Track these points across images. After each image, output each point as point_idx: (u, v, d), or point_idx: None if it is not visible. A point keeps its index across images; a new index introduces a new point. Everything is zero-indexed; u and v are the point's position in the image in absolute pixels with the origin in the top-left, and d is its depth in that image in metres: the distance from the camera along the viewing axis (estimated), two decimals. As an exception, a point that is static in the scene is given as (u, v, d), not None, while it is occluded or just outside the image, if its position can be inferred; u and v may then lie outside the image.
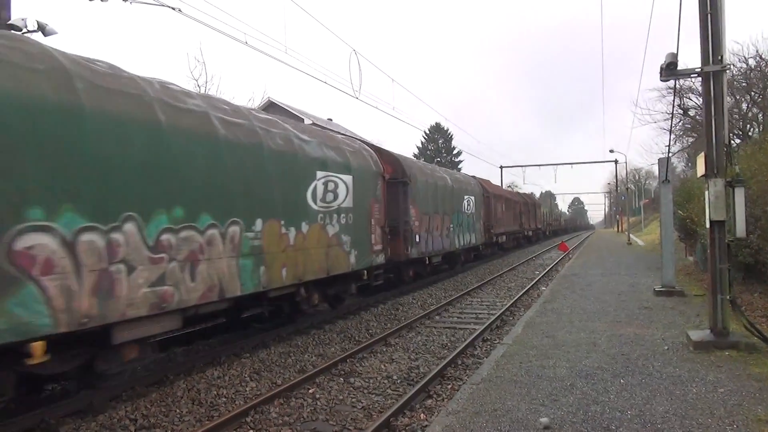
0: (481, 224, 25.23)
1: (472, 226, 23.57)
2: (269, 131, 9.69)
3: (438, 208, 18.97)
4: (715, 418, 5.53)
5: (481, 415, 5.78)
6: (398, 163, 16.17)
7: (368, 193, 13.22)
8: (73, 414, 6.63)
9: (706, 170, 8.31)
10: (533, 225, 45.75)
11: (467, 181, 24.14)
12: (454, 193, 21.10)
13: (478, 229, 24.73)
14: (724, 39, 8.25)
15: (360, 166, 12.80)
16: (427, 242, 17.63)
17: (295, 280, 9.99)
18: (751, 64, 27.16)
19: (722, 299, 8.24)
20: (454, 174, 23.41)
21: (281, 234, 9.60)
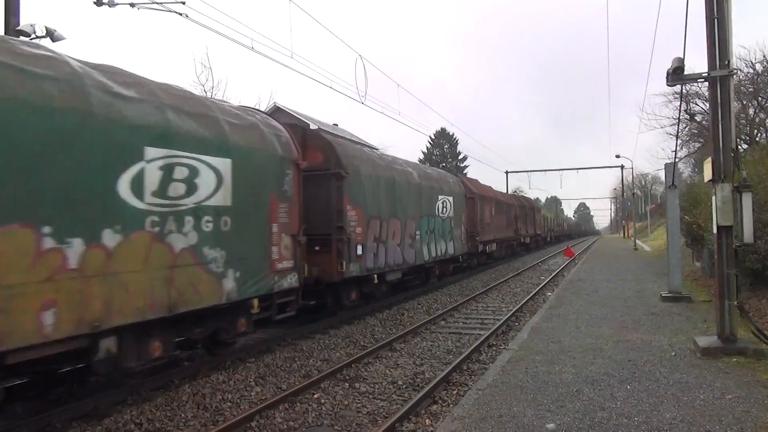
0: (462, 230, 21.33)
1: (449, 233, 19.59)
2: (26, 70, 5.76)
3: (396, 211, 14.99)
4: (723, 425, 5.48)
5: (486, 420, 5.75)
6: (329, 149, 12.36)
7: (265, 187, 9.25)
8: (79, 418, 6.64)
9: (713, 175, 8.27)
10: (531, 231, 41.48)
11: (443, 179, 20.04)
12: (423, 193, 17.09)
13: (458, 236, 20.70)
14: (731, 43, 8.23)
15: (248, 146, 8.87)
16: (377, 255, 13.76)
17: (82, 329, 6.06)
18: (758, 69, 27.08)
19: (730, 305, 8.18)
20: (423, 169, 19.07)
21: (39, 251, 5.63)
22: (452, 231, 19.83)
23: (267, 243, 9.25)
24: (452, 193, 20.13)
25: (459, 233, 20.84)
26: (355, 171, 12.84)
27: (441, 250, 18.64)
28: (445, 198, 19.30)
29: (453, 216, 20.01)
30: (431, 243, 17.62)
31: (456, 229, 20.40)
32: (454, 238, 20.14)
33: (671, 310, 12.36)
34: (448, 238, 19.36)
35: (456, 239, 20.35)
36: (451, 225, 19.72)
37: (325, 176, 12.04)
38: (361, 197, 13.10)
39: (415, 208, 16.39)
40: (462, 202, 21.52)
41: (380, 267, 14.03)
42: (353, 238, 12.54)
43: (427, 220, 17.34)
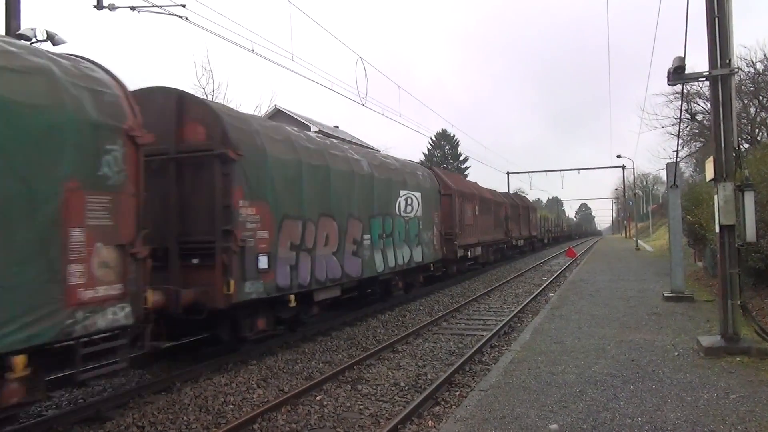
0: (434, 233, 17.60)
1: (417, 236, 15.95)
2: None
3: (331, 209, 11.36)
4: (727, 424, 5.46)
5: (489, 421, 5.73)
6: (214, 121, 8.77)
7: (51, 169, 5.77)
8: (81, 422, 6.63)
9: (715, 174, 8.26)
10: (525, 232, 37.69)
11: (408, 171, 16.25)
12: (377, 186, 13.51)
13: (429, 240, 17.05)
14: (732, 42, 8.22)
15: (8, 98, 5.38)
16: (297, 268, 10.04)
17: None
18: (759, 68, 27.07)
19: (733, 304, 8.16)
20: (379, 157, 15.43)
21: None
22: (421, 234, 16.27)
23: (54, 259, 5.68)
24: (421, 189, 16.52)
25: (430, 236, 17.17)
26: (255, 152, 9.12)
27: (404, 257, 14.94)
28: (410, 194, 15.63)
29: (422, 216, 16.35)
30: (389, 249, 13.99)
31: (426, 232, 16.76)
32: (424, 243, 16.44)
33: (674, 310, 12.33)
34: (414, 243, 15.72)
35: (426, 243, 16.70)
36: (418, 226, 16.10)
37: (207, 159, 8.58)
38: (268, 189, 9.31)
39: (363, 205, 12.73)
40: (435, 200, 18.02)
41: (303, 284, 10.24)
42: (252, 246, 8.83)
43: (382, 220, 13.68)
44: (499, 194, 32.53)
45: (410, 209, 15.67)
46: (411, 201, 15.75)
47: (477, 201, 23.89)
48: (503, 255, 31.44)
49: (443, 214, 18.97)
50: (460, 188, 21.73)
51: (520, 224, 35.73)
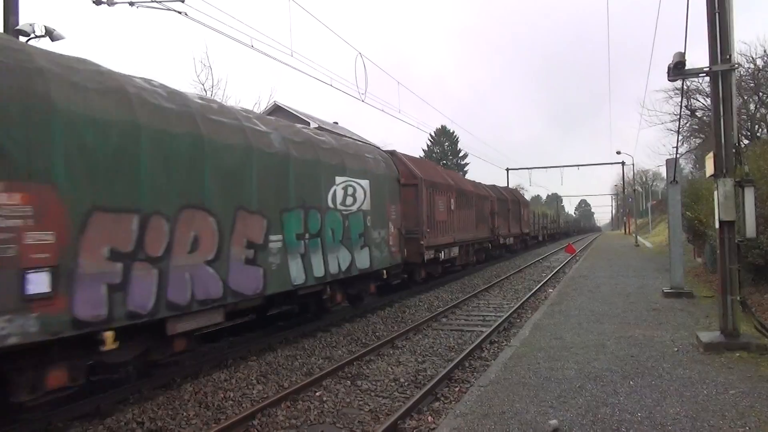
0: (391, 232, 14.23)
1: (362, 235, 12.63)
2: None
3: (204, 197, 8.02)
4: (726, 420, 5.46)
5: (489, 417, 5.73)
6: None
7: None
8: (80, 417, 6.64)
9: (715, 170, 8.24)
10: (516, 229, 34.00)
11: (348, 151, 12.74)
12: (295, 169, 10.13)
13: (383, 240, 13.73)
14: (732, 38, 8.19)
15: None
16: (123, 288, 6.65)
17: None
18: (759, 65, 27.05)
19: (732, 300, 8.16)
20: (301, 130, 11.58)
21: None
22: (368, 233, 12.92)
23: None
24: (370, 175, 13.12)
25: (384, 235, 13.82)
26: (23, 100, 5.76)
27: (341, 263, 11.63)
28: (352, 182, 12.30)
29: (371, 210, 13.02)
30: (315, 254, 10.63)
31: (378, 230, 13.45)
32: (373, 244, 13.15)
33: (673, 305, 12.34)
34: (357, 244, 12.39)
35: (377, 245, 13.39)
36: (365, 223, 12.77)
37: None
38: (56, 164, 6.01)
39: (269, 195, 9.37)
40: (392, 190, 14.64)
41: (139, 311, 6.84)
42: (12, 257, 5.49)
43: (303, 215, 10.33)
44: (483, 187, 28.94)
45: (352, 201, 12.22)
46: (354, 190, 12.30)
47: (453, 193, 20.41)
48: (488, 255, 27.85)
49: (406, 208, 15.70)
50: (430, 177, 18.22)
51: (510, 220, 32.23)
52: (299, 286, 10.21)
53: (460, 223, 21.15)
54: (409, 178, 16.41)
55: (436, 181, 18.80)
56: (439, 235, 18.34)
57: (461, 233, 21.28)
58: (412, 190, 16.51)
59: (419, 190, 16.71)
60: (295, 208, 10.19)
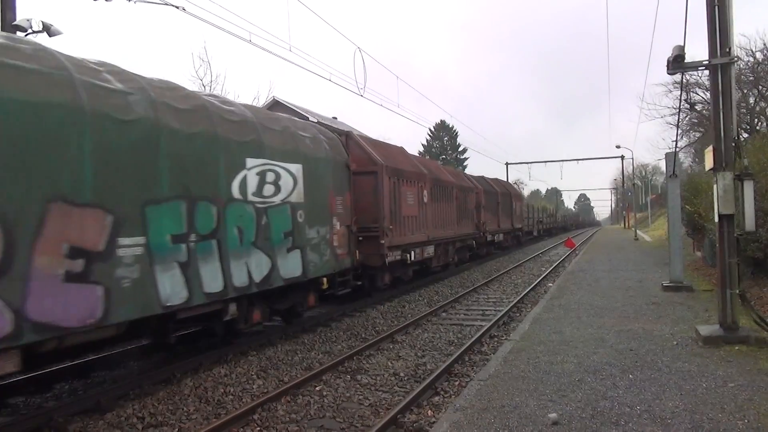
0: (336, 230, 11.79)
1: (290, 235, 10.08)
2: None
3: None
4: (725, 413, 5.47)
5: (489, 411, 5.75)
6: None
7: None
8: (81, 412, 6.64)
9: (715, 164, 8.24)
10: (507, 225, 31.16)
11: (272, 127, 10.07)
12: (171, 145, 7.57)
13: (325, 240, 11.28)
14: (731, 31, 8.17)
15: None
16: None
17: None
18: (759, 58, 27.01)
19: (731, 293, 8.17)
20: (192, 95, 8.68)
21: None
22: (300, 231, 10.32)
23: None
24: (303, 158, 10.50)
25: (326, 234, 11.30)
26: None
27: (252, 272, 8.95)
28: (275, 166, 9.66)
29: (305, 202, 10.46)
30: (209, 260, 8.05)
31: (316, 228, 10.92)
32: (308, 245, 10.56)
33: (672, 299, 12.35)
34: (282, 246, 9.77)
35: (315, 246, 10.86)
36: (294, 219, 10.17)
37: None
38: None
39: (122, 179, 6.83)
40: (339, 178, 12.09)
41: None
42: None
43: (187, 209, 7.72)
44: (467, 177, 26.15)
45: (273, 191, 9.62)
46: (276, 177, 9.71)
47: (426, 184, 17.57)
48: (474, 254, 25.37)
49: (361, 200, 13.42)
50: (395, 164, 15.28)
51: (499, 215, 29.37)
52: (177, 307, 7.42)
53: (436, 218, 18.46)
54: (365, 164, 13.79)
55: (402, 168, 15.83)
56: (407, 232, 15.64)
57: (438, 230, 18.58)
58: (370, 179, 13.86)
59: (379, 178, 13.96)
60: (171, 199, 7.45)
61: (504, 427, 5.30)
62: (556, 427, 5.23)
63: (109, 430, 6.25)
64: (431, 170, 19.26)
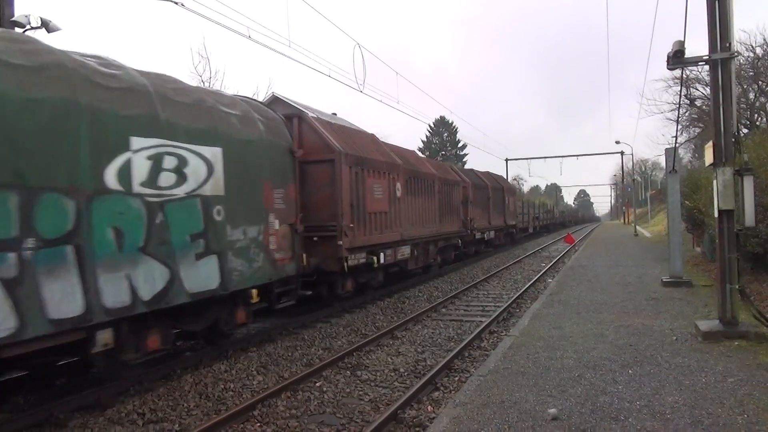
0: (274, 230, 9.78)
1: (206, 238, 8.08)
2: None
3: None
4: (725, 407, 5.48)
5: (488, 406, 5.76)
6: None
7: None
8: (81, 409, 6.66)
9: (715, 159, 8.23)
10: (499, 221, 28.94)
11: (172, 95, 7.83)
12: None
13: (257, 243, 9.27)
14: (731, 26, 8.15)
15: None
16: None
17: None
18: (759, 53, 26.97)
19: (731, 289, 8.17)
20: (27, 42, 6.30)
21: None
22: (217, 231, 8.28)
23: None
24: (224, 140, 8.54)
25: (258, 235, 9.25)
26: None
27: (139, 287, 6.96)
28: (177, 148, 7.66)
29: (226, 194, 8.48)
30: (60, 275, 6.00)
31: (243, 227, 8.91)
32: (231, 249, 8.58)
33: (672, 295, 12.36)
34: (190, 252, 7.77)
35: (242, 250, 8.82)
36: (209, 217, 8.14)
37: None
38: None
39: None
40: (280, 166, 10.03)
41: None
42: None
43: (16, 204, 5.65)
44: (453, 170, 24.02)
45: (174, 180, 7.55)
46: (180, 163, 7.60)
47: (400, 175, 15.37)
48: (461, 254, 23.32)
49: (313, 193, 11.66)
50: (358, 152, 13.10)
51: (490, 211, 27.17)
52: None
53: (413, 214, 16.40)
54: (320, 151, 11.85)
55: (368, 157, 13.55)
56: (374, 230, 13.58)
57: (416, 228, 16.48)
58: (326, 169, 11.87)
59: (337, 168, 11.85)
60: None
61: (504, 423, 5.30)
62: (555, 423, 5.24)
63: (110, 426, 6.26)
64: (407, 160, 17.04)
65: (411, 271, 17.14)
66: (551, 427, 5.14)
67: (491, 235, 27.48)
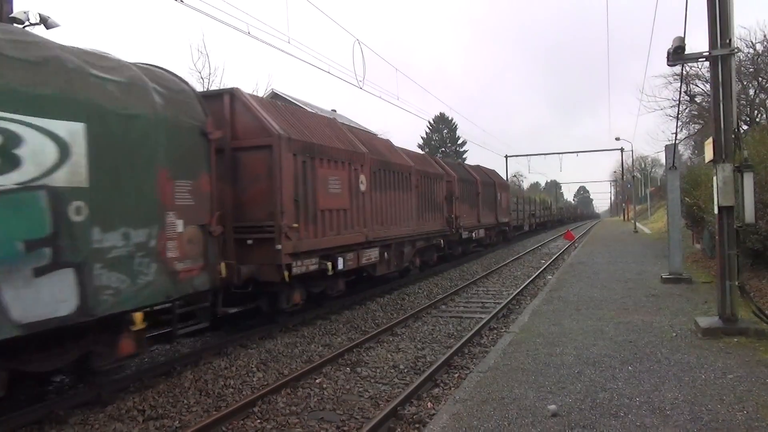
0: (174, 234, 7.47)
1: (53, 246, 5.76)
2: None
3: None
4: (724, 404, 5.49)
5: (488, 403, 5.76)
6: None
7: None
8: (81, 405, 6.66)
9: (714, 156, 8.23)
10: (490, 219, 26.78)
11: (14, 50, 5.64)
12: None
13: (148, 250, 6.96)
14: (732, 22, 8.14)
15: None
16: None
17: None
18: (759, 49, 26.89)
19: (731, 285, 8.17)
20: None
21: None
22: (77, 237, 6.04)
23: None
24: (86, 112, 6.27)
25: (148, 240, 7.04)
26: None
27: None
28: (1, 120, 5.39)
29: (90, 185, 6.24)
30: None
31: (123, 230, 6.65)
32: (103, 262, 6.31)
33: (672, 291, 12.37)
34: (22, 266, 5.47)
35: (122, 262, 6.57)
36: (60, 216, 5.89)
37: None
38: None
39: None
40: (186, 150, 7.93)
41: None
42: None
43: None
44: (435, 162, 21.31)
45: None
46: (10, 142, 5.49)
47: (366, 166, 13.08)
48: (445, 256, 21.13)
49: (252, 189, 9.80)
50: (305, 137, 10.74)
51: (480, 207, 24.86)
52: None
53: (383, 212, 14.05)
54: (255, 134, 9.83)
55: (320, 144, 11.14)
56: (328, 231, 11.25)
57: (387, 227, 14.19)
58: (262, 157, 9.73)
59: (275, 155, 9.67)
60: None
61: (503, 419, 5.31)
62: (555, 419, 5.25)
63: (110, 422, 6.27)
64: (376, 150, 14.68)
65: (384, 276, 15.11)
66: (551, 424, 5.15)
67: (480, 234, 25.02)
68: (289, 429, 6.07)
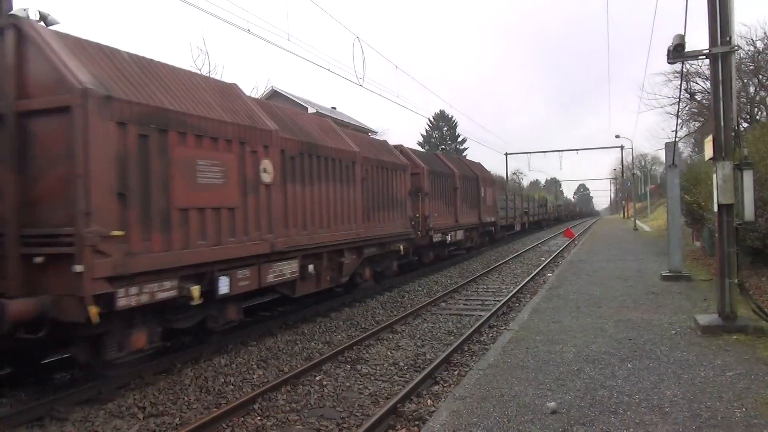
0: None
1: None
2: None
3: None
4: (723, 401, 5.50)
5: (488, 400, 5.77)
6: None
7: None
8: (82, 403, 6.67)
9: (714, 153, 8.23)
10: (471, 218, 23.19)
11: None
12: None
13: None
14: (732, 19, 8.13)
15: None
16: None
17: None
18: (759, 47, 26.87)
19: (730, 283, 8.18)
20: None
21: None
22: None
23: None
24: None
25: None
26: None
27: None
28: None
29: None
30: None
31: None
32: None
33: (671, 289, 12.38)
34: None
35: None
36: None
37: None
38: None
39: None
40: None
41: None
42: None
43: None
44: (394, 149, 16.85)
45: None
46: None
47: (273, 148, 9.37)
48: (409, 265, 17.75)
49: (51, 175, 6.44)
50: (145, 98, 7.01)
51: (458, 205, 21.36)
52: None
53: (306, 211, 10.52)
54: (48, 89, 6.47)
55: (180, 111, 7.48)
56: (195, 239, 7.69)
57: (313, 232, 10.74)
58: (61, 125, 6.36)
59: (77, 122, 6.21)
60: None
61: (503, 416, 5.32)
62: (554, 416, 5.26)
63: (111, 419, 6.28)
64: (295, 127, 10.82)
65: (336, 290, 12.75)
66: (550, 421, 5.16)
67: (458, 236, 21.39)
68: (290, 426, 6.08)
